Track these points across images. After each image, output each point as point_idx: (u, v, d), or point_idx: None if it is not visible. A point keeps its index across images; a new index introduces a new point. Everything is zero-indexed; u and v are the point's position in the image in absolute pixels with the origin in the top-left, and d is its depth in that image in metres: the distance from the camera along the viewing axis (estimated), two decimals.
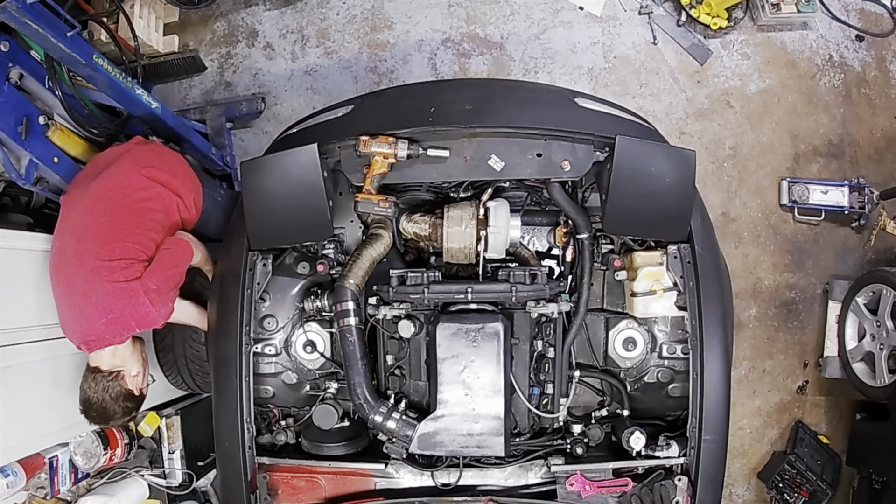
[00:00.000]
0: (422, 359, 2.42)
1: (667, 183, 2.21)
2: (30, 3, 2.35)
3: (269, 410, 2.51)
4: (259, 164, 2.30)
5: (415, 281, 2.32)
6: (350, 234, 2.56)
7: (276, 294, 2.46)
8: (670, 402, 2.45)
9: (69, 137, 3.00)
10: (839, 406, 4.10)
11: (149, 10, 3.74)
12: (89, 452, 2.85)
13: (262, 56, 4.12)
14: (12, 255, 2.49)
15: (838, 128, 4.18)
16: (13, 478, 2.49)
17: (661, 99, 4.13)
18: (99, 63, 2.74)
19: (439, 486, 2.37)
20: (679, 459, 2.27)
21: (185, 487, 3.20)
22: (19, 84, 2.83)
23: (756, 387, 4.08)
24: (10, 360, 2.41)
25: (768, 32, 4.20)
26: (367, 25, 4.13)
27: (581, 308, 2.38)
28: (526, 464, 2.41)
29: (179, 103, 4.07)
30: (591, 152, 2.26)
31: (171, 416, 3.21)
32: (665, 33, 4.14)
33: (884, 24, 4.26)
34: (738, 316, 3.94)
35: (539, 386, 2.42)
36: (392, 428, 2.26)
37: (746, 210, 4.11)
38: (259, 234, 2.36)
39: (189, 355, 3.16)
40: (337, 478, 2.42)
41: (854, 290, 3.81)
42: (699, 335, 2.22)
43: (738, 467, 4.07)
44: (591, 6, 4.13)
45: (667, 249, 2.34)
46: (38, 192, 3.02)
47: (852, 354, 3.79)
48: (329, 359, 2.48)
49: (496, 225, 2.35)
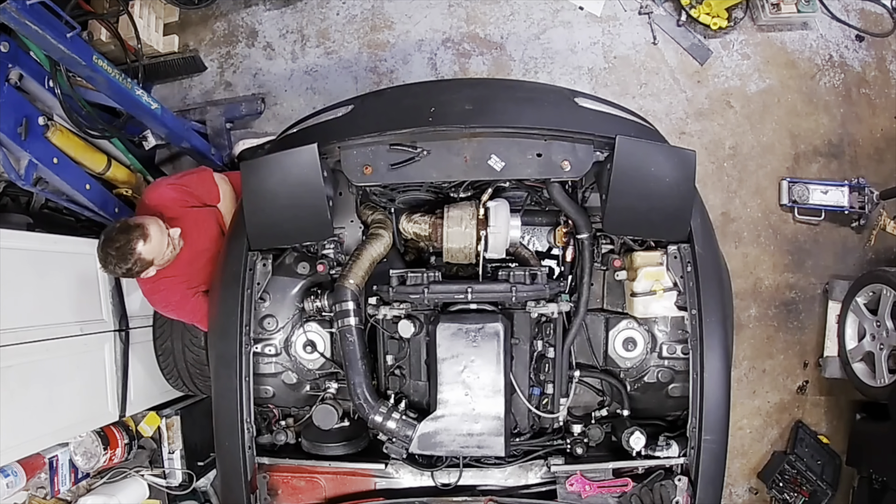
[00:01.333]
0: (422, 359, 2.42)
1: (667, 183, 2.21)
2: (29, 4, 2.35)
3: (269, 410, 2.51)
4: (259, 165, 2.30)
5: (415, 281, 2.32)
6: (350, 234, 2.57)
7: (276, 294, 2.46)
8: (670, 402, 2.45)
9: (69, 138, 3.00)
10: (839, 406, 4.10)
11: (149, 10, 3.74)
12: (89, 452, 2.85)
13: (262, 56, 4.12)
14: (12, 255, 2.49)
15: (838, 128, 4.18)
16: (13, 478, 2.49)
17: (661, 99, 4.13)
18: (99, 64, 2.74)
19: (439, 486, 2.37)
20: (679, 459, 2.27)
21: (185, 487, 3.21)
22: (19, 84, 2.83)
23: (756, 387, 4.08)
24: (10, 360, 2.41)
25: (768, 32, 4.19)
26: (367, 25, 4.12)
27: (581, 308, 2.38)
28: (526, 464, 2.41)
29: (179, 103, 4.07)
30: (591, 152, 2.25)
31: (171, 416, 3.22)
32: (665, 33, 4.14)
33: (884, 24, 4.26)
34: (738, 316, 3.94)
35: (539, 386, 2.42)
36: (392, 428, 2.26)
37: (746, 210, 4.11)
38: (259, 234, 2.36)
39: (189, 359, 3.17)
40: (337, 478, 2.42)
41: (854, 290, 3.81)
42: (699, 335, 2.22)
43: (738, 467, 4.06)
44: (591, 6, 4.13)
45: (667, 249, 2.34)
46: (38, 192, 3.03)
47: (852, 354, 3.79)
48: (329, 359, 2.48)
49: (496, 225, 2.36)
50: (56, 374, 2.65)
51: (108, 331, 2.97)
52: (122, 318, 3.03)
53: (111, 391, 2.96)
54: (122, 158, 3.48)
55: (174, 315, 2.86)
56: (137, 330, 3.14)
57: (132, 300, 3.13)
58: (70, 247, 2.86)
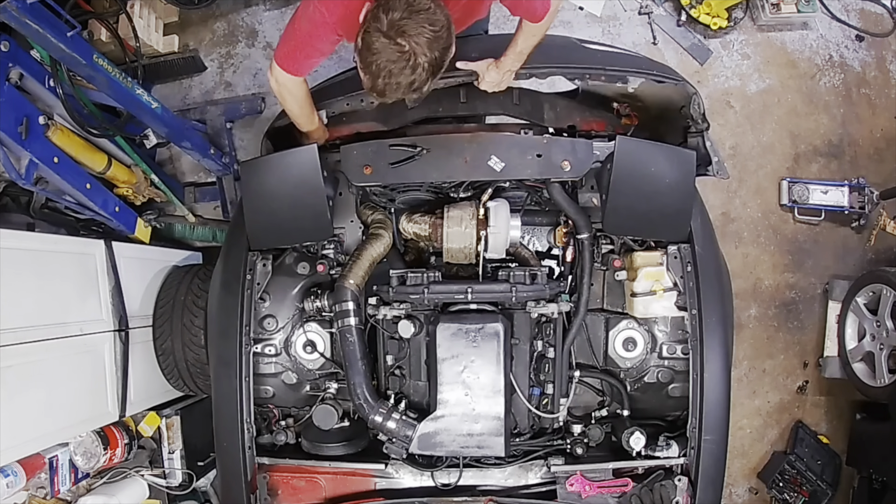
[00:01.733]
0: (422, 359, 2.42)
1: (667, 183, 2.22)
2: (30, 3, 2.35)
3: (269, 410, 2.51)
4: (259, 164, 2.30)
5: (415, 281, 2.31)
6: (350, 234, 2.56)
7: (276, 294, 2.46)
8: (670, 402, 2.45)
9: (69, 137, 3.00)
10: (839, 406, 4.10)
11: (149, 10, 3.74)
12: (89, 452, 2.85)
13: (262, 56, 4.11)
14: (12, 255, 2.49)
15: (838, 128, 4.18)
16: (13, 478, 2.49)
17: None
18: (99, 63, 2.74)
19: (439, 487, 2.37)
20: (679, 459, 2.27)
21: (185, 487, 3.21)
22: (19, 84, 2.83)
23: (756, 387, 4.08)
24: (10, 360, 2.41)
25: (768, 32, 4.19)
26: None
27: (581, 308, 2.38)
28: (526, 464, 2.41)
29: (179, 103, 4.06)
30: (591, 152, 2.26)
31: (171, 416, 3.22)
32: (665, 33, 4.14)
33: (884, 24, 4.26)
34: (738, 316, 3.94)
35: (539, 386, 2.42)
36: (392, 428, 2.26)
37: (746, 210, 4.11)
38: (259, 234, 2.37)
39: (189, 358, 3.17)
40: (337, 478, 2.42)
41: (854, 290, 3.81)
42: (699, 335, 2.22)
43: (738, 467, 4.06)
44: (591, 6, 4.13)
45: (667, 250, 2.34)
46: (38, 192, 3.03)
47: (852, 354, 3.79)
48: (329, 359, 2.48)
49: (496, 225, 2.36)
50: (56, 374, 2.65)
51: (108, 331, 2.97)
52: (122, 318, 3.03)
53: (111, 391, 2.96)
54: (123, 158, 3.49)
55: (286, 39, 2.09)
56: (137, 330, 3.14)
57: (132, 300, 3.13)
58: (70, 247, 2.86)
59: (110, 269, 3.03)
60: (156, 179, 3.62)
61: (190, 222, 3.88)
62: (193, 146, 3.50)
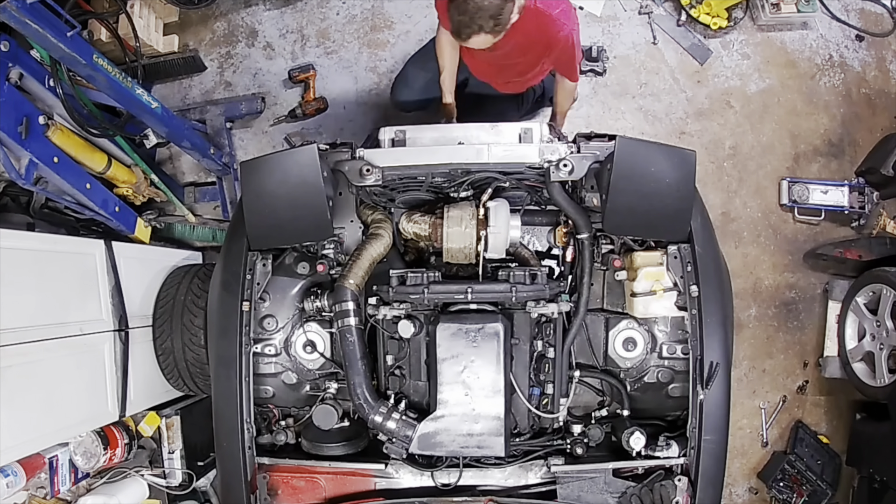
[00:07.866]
0: (422, 359, 2.42)
1: (667, 183, 2.21)
2: (30, 3, 2.35)
3: (269, 410, 2.51)
4: (259, 164, 2.30)
5: (415, 281, 2.31)
6: (350, 234, 2.56)
7: (276, 294, 2.46)
8: (670, 402, 2.45)
9: (69, 137, 3.00)
10: (839, 406, 4.09)
11: (149, 9, 3.74)
12: (89, 452, 2.85)
13: (262, 56, 4.11)
14: (12, 255, 2.49)
15: (838, 128, 4.17)
16: (13, 478, 2.49)
17: (661, 99, 4.12)
18: (99, 63, 2.74)
19: (439, 487, 2.37)
20: (679, 459, 2.27)
21: (185, 487, 3.21)
22: (19, 84, 2.84)
23: (756, 387, 4.07)
24: (10, 360, 2.41)
25: (768, 32, 4.19)
26: (367, 25, 4.12)
27: (581, 308, 2.38)
28: (526, 464, 2.41)
29: (179, 103, 4.06)
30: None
31: (171, 416, 3.22)
32: (665, 33, 4.14)
33: (884, 24, 4.26)
34: (738, 316, 3.94)
35: (539, 386, 2.42)
36: (392, 428, 2.26)
37: (746, 210, 4.11)
38: (259, 234, 2.36)
39: (189, 358, 3.17)
40: (337, 478, 2.42)
41: (854, 290, 3.81)
42: (699, 335, 2.22)
43: (738, 467, 4.06)
44: (591, 6, 4.12)
45: (667, 249, 2.34)
46: (38, 192, 3.03)
47: (852, 354, 3.79)
48: (329, 359, 2.48)
49: (496, 225, 2.36)
50: (56, 374, 2.65)
51: (108, 331, 2.97)
52: (122, 318, 3.03)
53: (111, 391, 2.96)
54: (123, 158, 3.49)
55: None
56: (137, 330, 3.14)
57: (132, 300, 3.13)
58: (70, 247, 2.87)
59: (110, 269, 3.03)
60: (156, 179, 3.62)
61: (190, 222, 3.89)
62: (193, 146, 3.50)
